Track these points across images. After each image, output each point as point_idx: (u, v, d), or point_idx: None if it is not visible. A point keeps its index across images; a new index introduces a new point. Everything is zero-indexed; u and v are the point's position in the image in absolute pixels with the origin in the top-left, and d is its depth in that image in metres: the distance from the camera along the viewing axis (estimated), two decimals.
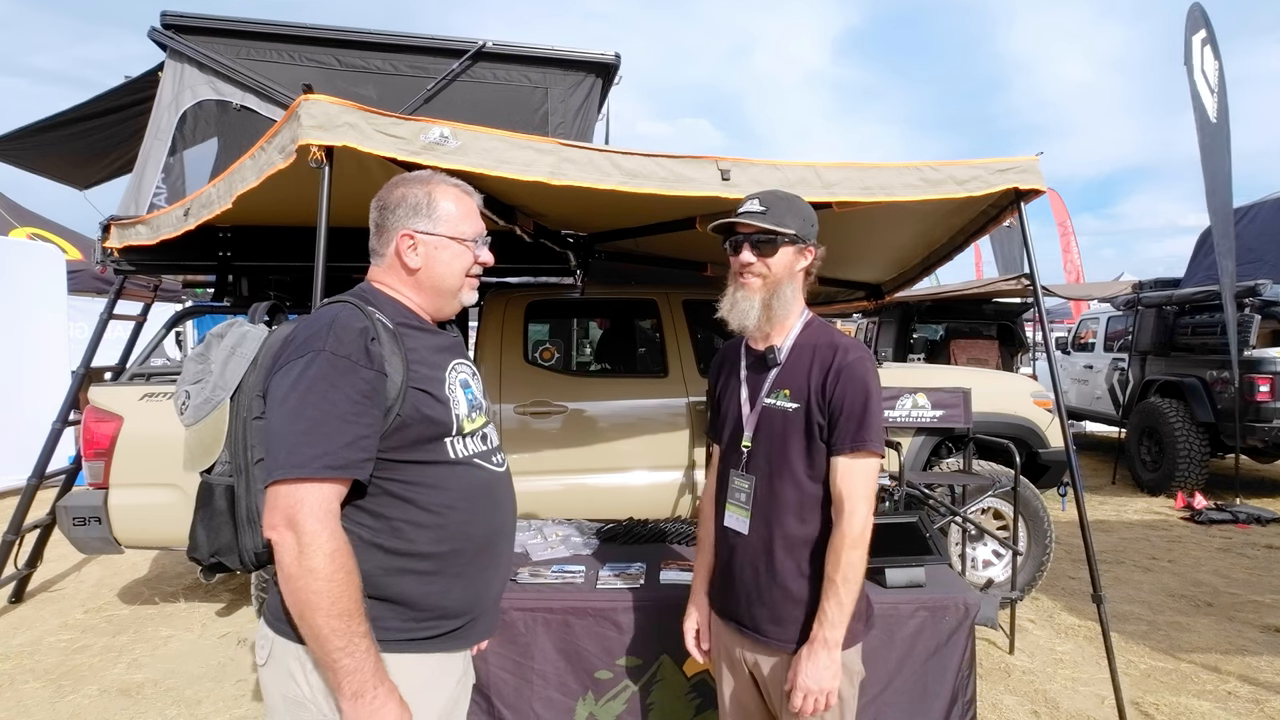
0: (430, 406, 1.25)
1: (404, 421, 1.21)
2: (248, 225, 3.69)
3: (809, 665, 1.42)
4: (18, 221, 8.45)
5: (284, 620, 1.20)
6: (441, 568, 1.25)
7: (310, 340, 1.17)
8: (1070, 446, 2.94)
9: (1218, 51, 6.68)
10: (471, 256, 1.37)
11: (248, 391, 1.29)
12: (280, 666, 1.21)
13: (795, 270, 1.56)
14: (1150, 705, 2.97)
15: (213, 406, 1.28)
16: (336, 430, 1.12)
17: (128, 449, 3.28)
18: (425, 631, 1.24)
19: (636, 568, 2.31)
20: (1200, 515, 5.97)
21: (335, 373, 1.14)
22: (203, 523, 1.28)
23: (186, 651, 3.48)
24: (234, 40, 3.82)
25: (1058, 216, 15.46)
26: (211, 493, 1.27)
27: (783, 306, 1.55)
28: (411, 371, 1.23)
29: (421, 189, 1.34)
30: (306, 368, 1.15)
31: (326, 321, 1.20)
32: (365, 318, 1.22)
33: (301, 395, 1.14)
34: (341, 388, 1.14)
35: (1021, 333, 9.40)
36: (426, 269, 1.33)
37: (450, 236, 1.33)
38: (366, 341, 1.18)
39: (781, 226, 1.52)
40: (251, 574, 3.45)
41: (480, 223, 1.39)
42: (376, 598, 1.20)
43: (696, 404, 3.78)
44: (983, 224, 3.14)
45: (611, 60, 4.19)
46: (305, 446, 1.10)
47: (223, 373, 1.30)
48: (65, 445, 4.30)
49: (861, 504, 1.44)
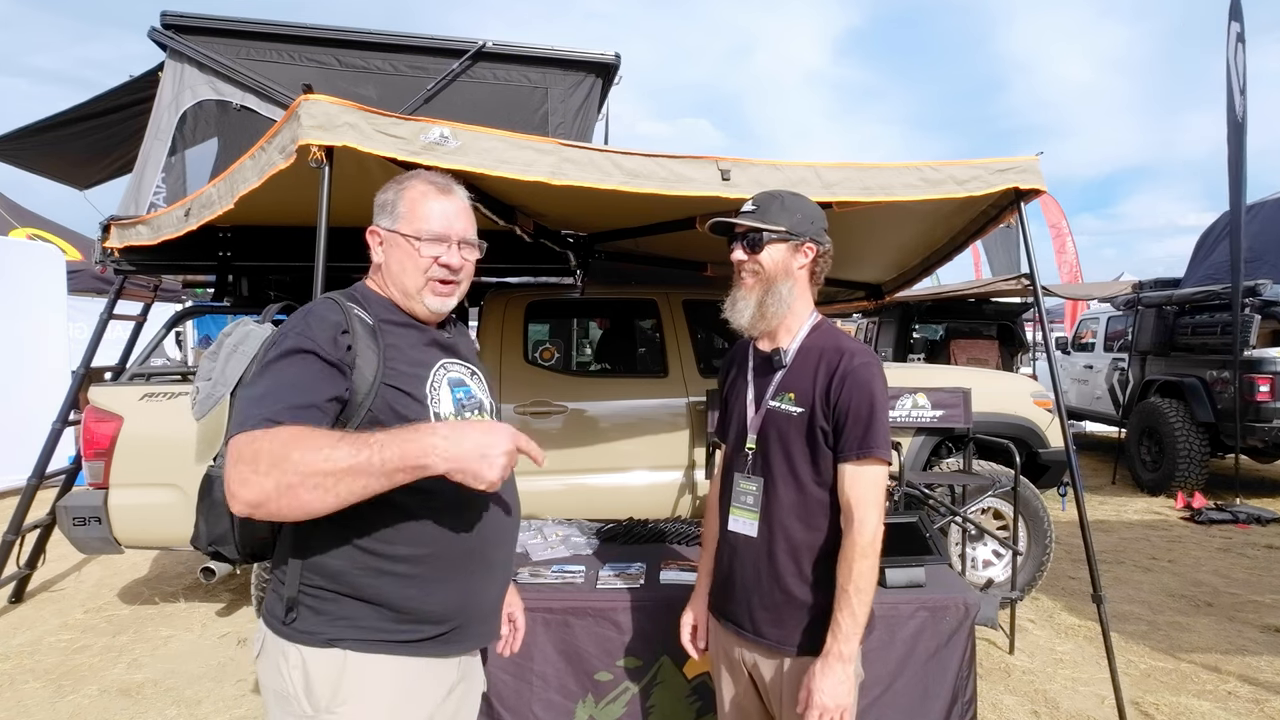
0: (404, 404, 1.23)
1: (375, 418, 1.19)
2: (248, 225, 3.69)
3: (825, 681, 1.39)
4: (18, 221, 8.46)
5: (273, 615, 1.23)
6: (420, 571, 1.23)
7: (284, 330, 1.21)
8: (1070, 446, 2.93)
9: (1245, 48, 6.62)
10: (426, 258, 1.29)
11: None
12: (270, 660, 1.23)
13: (793, 269, 1.55)
14: (1150, 705, 2.97)
15: (214, 402, 1.32)
16: (284, 395, 1.12)
17: (128, 449, 3.28)
18: (405, 635, 1.23)
19: (636, 568, 2.31)
20: (1200, 515, 5.97)
21: (294, 353, 1.16)
22: (202, 513, 1.29)
23: (186, 651, 3.48)
24: (234, 40, 3.82)
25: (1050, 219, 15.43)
26: (211, 484, 1.27)
27: (778, 305, 1.53)
28: (387, 369, 1.22)
29: (395, 186, 1.33)
30: (268, 350, 1.19)
31: (304, 313, 1.23)
32: (341, 312, 1.23)
33: (259, 373, 1.17)
34: (297, 366, 1.15)
35: (1021, 333, 9.41)
36: (386, 265, 1.32)
37: (404, 234, 1.29)
38: (336, 334, 1.19)
39: (769, 223, 1.52)
40: (252, 575, 3.45)
41: (452, 224, 1.32)
42: (355, 597, 1.20)
43: (696, 404, 3.77)
44: (983, 224, 3.15)
45: (611, 60, 4.19)
46: (254, 409, 1.10)
47: (224, 370, 1.32)
48: (65, 445, 4.30)
49: (871, 512, 1.42)
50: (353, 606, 1.20)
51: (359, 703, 1.19)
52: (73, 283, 7.51)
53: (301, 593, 1.21)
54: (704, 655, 1.74)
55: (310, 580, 1.21)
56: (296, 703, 1.19)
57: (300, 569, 1.21)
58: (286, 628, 1.21)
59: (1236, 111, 6.51)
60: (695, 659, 1.77)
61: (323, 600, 1.20)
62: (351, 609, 1.20)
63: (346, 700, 1.19)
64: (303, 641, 1.20)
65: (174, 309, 5.38)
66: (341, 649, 1.19)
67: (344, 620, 1.20)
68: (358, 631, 1.20)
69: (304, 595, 1.21)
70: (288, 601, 1.20)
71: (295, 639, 1.20)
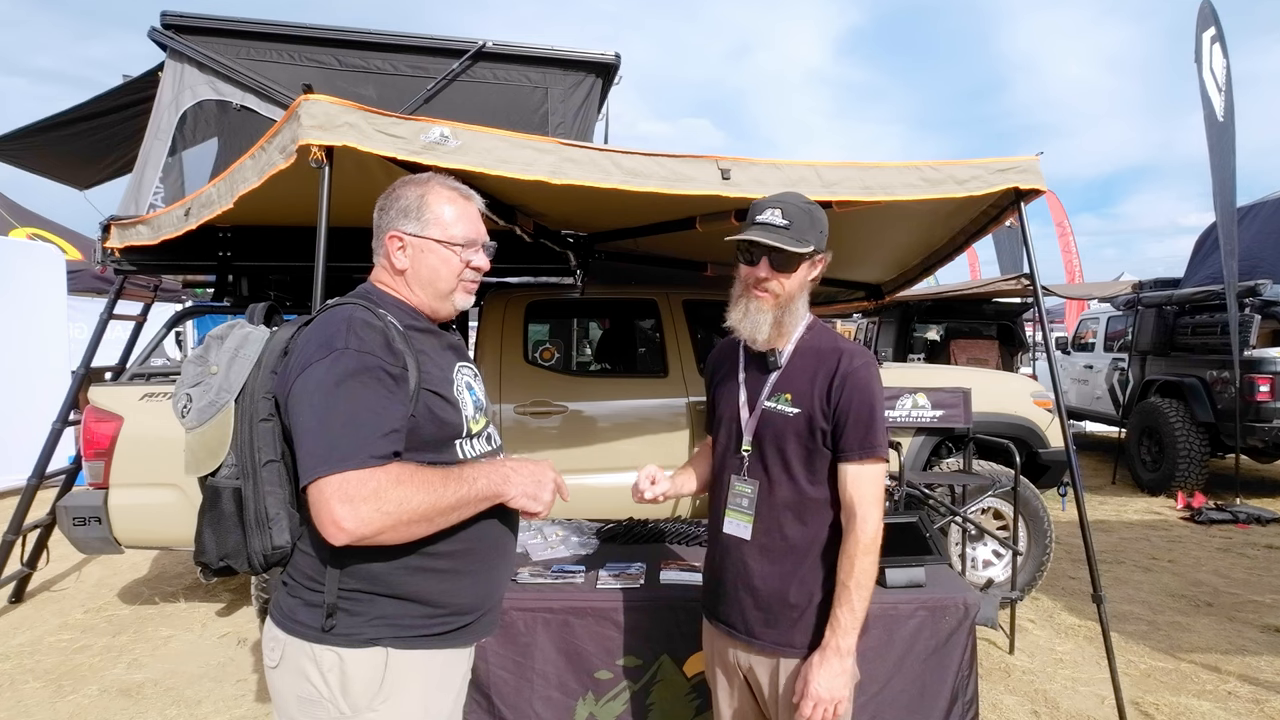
0: (442, 409, 1.26)
1: (417, 423, 1.22)
2: (248, 225, 3.69)
3: (821, 673, 1.40)
4: (18, 221, 8.45)
5: (295, 620, 1.22)
6: (456, 566, 1.27)
7: (331, 339, 1.18)
8: (1070, 446, 2.94)
9: (1225, 50, 6.68)
10: (461, 262, 1.35)
11: (252, 393, 1.28)
12: (294, 666, 1.22)
13: (806, 282, 1.55)
14: (1150, 705, 2.97)
15: (217, 409, 1.27)
16: (372, 422, 1.14)
17: (128, 449, 3.28)
18: (439, 627, 1.27)
19: (636, 568, 2.31)
20: (1200, 515, 5.97)
21: (362, 368, 1.16)
22: (210, 526, 1.27)
23: (186, 651, 3.48)
24: (234, 40, 3.82)
25: (1055, 217, 15.46)
26: (219, 496, 1.26)
27: (794, 320, 1.54)
28: (424, 373, 1.24)
29: (415, 190, 1.34)
30: (333, 365, 1.16)
31: (343, 320, 1.20)
32: (378, 318, 1.23)
33: (331, 391, 1.14)
34: (370, 383, 1.16)
35: (1021, 333, 9.41)
36: (413, 271, 1.33)
37: (438, 240, 1.32)
38: (387, 338, 1.20)
39: (804, 246, 1.47)
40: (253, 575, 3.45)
41: (477, 227, 1.38)
42: (395, 596, 1.22)
43: (696, 404, 3.77)
44: (983, 224, 3.15)
45: (611, 60, 4.19)
46: (347, 440, 1.12)
47: (227, 375, 1.29)
48: (65, 445, 4.30)
49: (873, 510, 1.44)
50: (389, 604, 1.22)
51: (398, 698, 1.22)
52: (73, 283, 7.50)
53: (340, 597, 1.21)
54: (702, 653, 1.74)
55: (348, 585, 1.21)
56: (330, 705, 1.19)
57: (339, 576, 1.21)
58: (322, 633, 1.20)
59: (1217, 113, 6.53)
60: (700, 652, 1.76)
61: (358, 602, 1.21)
62: (388, 607, 1.22)
63: (388, 697, 1.21)
64: (341, 644, 1.20)
65: (174, 309, 5.38)
66: (382, 647, 1.21)
67: (381, 619, 1.22)
68: (395, 629, 1.22)
69: (342, 599, 1.21)
70: (327, 608, 1.20)
71: (333, 642, 1.20)
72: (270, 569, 1.27)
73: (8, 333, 6.67)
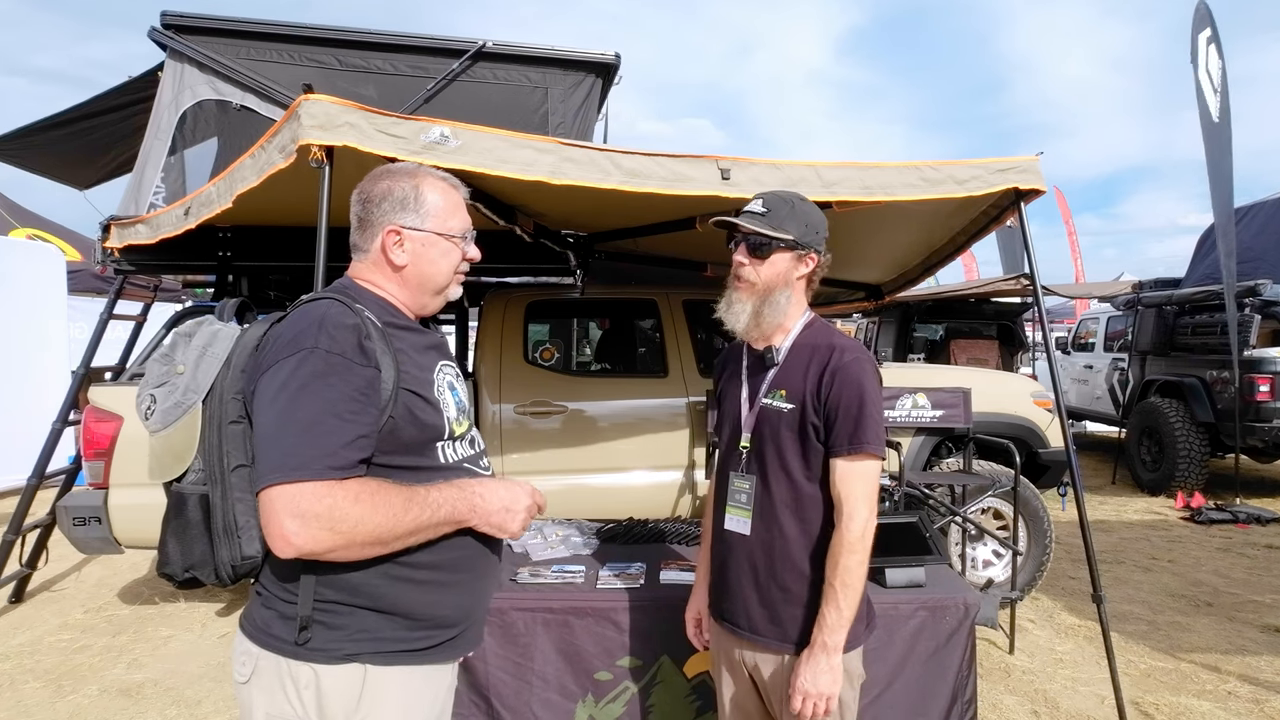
0: (422, 409, 1.20)
1: (396, 425, 1.16)
2: (248, 225, 3.69)
3: (808, 669, 1.42)
4: (18, 221, 8.44)
5: (269, 633, 1.16)
6: (438, 577, 1.21)
7: (300, 337, 1.11)
8: (1070, 446, 2.94)
9: (1221, 50, 6.69)
10: (460, 253, 1.32)
11: (221, 394, 1.20)
12: (266, 683, 1.15)
13: (792, 278, 1.54)
14: (1150, 705, 2.97)
15: (183, 411, 1.20)
16: (336, 429, 1.07)
17: (128, 449, 3.27)
18: (420, 643, 1.21)
19: (636, 568, 2.31)
20: (1200, 515, 5.97)
21: (330, 370, 1.09)
22: (175, 535, 1.20)
23: (186, 651, 3.48)
24: (234, 40, 3.82)
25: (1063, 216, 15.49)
26: (184, 503, 1.19)
27: (774, 314, 1.53)
28: (403, 373, 1.18)
29: (408, 182, 1.28)
30: (299, 366, 1.09)
31: (315, 318, 1.14)
32: (355, 315, 1.16)
33: (294, 394, 1.08)
34: (337, 385, 1.09)
35: (1021, 333, 9.41)
36: (414, 266, 1.28)
37: (439, 233, 1.28)
38: (360, 338, 1.14)
39: (779, 231, 1.49)
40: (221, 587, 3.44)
41: (467, 217, 1.34)
42: (374, 609, 1.16)
43: (696, 404, 3.77)
44: (983, 225, 3.15)
45: (611, 60, 4.19)
46: (305, 447, 1.05)
47: (194, 375, 1.22)
48: (65, 445, 4.30)
49: (861, 506, 1.43)
50: (370, 618, 1.16)
51: (375, 717, 1.16)
52: (73, 283, 7.50)
53: (315, 609, 1.14)
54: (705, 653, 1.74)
55: (324, 596, 1.14)
56: None
57: (314, 585, 1.14)
58: (297, 647, 1.14)
59: (1213, 114, 6.54)
60: (700, 652, 1.77)
61: (337, 615, 1.15)
62: (368, 621, 1.16)
63: (367, 716, 1.15)
64: (317, 660, 1.14)
65: (174, 309, 5.38)
66: (360, 663, 1.15)
67: (362, 633, 1.16)
68: (375, 644, 1.16)
69: (317, 612, 1.14)
70: (301, 620, 1.13)
71: (308, 657, 1.14)
72: (239, 580, 1.19)
73: (8, 333, 6.66)
